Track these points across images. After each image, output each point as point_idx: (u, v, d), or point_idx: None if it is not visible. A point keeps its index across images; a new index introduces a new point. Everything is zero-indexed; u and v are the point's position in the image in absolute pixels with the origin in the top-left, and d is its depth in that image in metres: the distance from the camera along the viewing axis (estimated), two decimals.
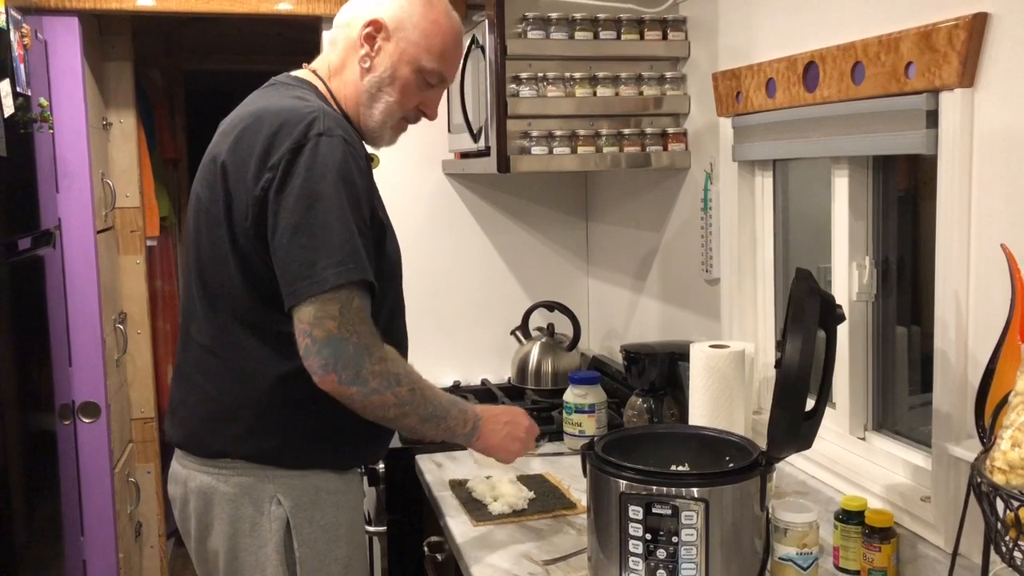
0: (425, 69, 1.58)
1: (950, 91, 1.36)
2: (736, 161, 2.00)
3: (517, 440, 1.65)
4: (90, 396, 2.68)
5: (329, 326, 1.41)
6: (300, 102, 1.51)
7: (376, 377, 1.44)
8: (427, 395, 1.52)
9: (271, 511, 1.53)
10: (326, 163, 1.42)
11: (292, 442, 1.54)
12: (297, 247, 1.41)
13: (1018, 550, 0.92)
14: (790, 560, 1.43)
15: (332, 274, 1.40)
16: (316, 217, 1.41)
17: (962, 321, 1.38)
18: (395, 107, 1.59)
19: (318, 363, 1.41)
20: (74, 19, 2.58)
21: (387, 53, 1.57)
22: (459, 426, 1.57)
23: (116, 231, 3.05)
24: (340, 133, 1.46)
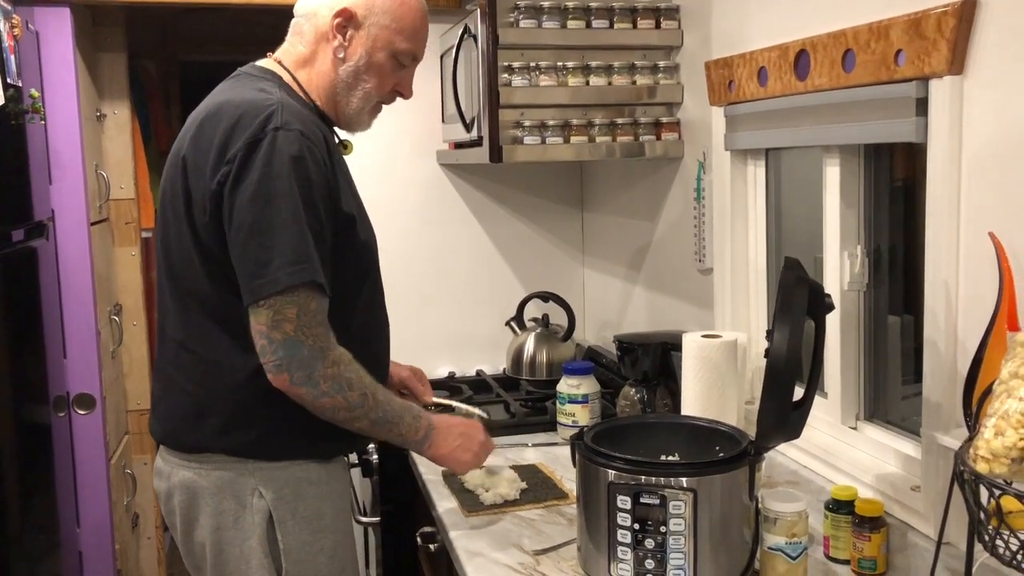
0: (399, 51, 1.60)
1: (939, 79, 1.35)
2: (728, 150, 1.99)
3: (468, 452, 1.67)
4: (85, 388, 2.68)
5: (286, 328, 1.43)
6: (261, 95, 1.50)
7: (327, 380, 1.46)
8: (378, 401, 1.52)
9: (253, 504, 1.54)
10: (282, 159, 1.42)
11: (270, 434, 1.54)
12: (253, 245, 1.42)
13: (1000, 539, 0.92)
14: (779, 550, 1.43)
15: (284, 275, 1.41)
16: (271, 216, 1.41)
17: (951, 310, 1.37)
18: (373, 93, 1.61)
19: (272, 362, 1.44)
20: (65, 10, 2.57)
21: (359, 41, 1.58)
22: (411, 433, 1.59)
23: (111, 223, 3.05)
24: (298, 127, 1.45)
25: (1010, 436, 0.95)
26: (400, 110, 2.82)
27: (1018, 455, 0.94)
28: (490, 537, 1.68)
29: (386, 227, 2.27)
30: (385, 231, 2.06)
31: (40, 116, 2.34)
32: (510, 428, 2.30)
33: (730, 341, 1.87)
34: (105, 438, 2.75)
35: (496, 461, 2.04)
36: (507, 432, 2.27)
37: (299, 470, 1.56)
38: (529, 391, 2.56)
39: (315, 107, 1.61)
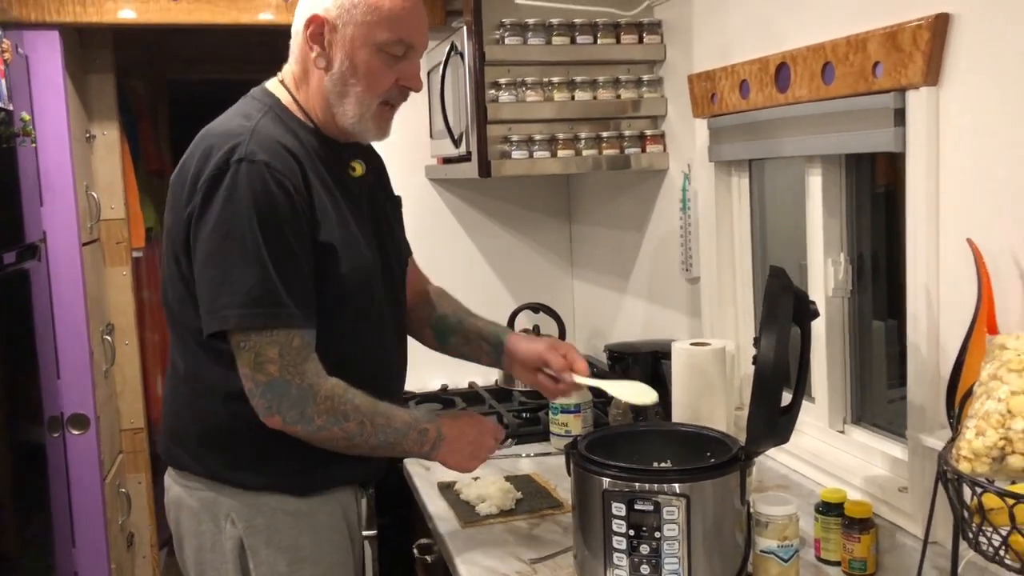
0: (382, 43, 1.46)
1: (916, 90, 1.39)
2: (713, 161, 2.03)
3: (476, 458, 1.62)
4: (79, 408, 2.69)
5: (270, 370, 1.40)
6: (241, 121, 1.47)
7: (322, 415, 1.43)
8: (377, 425, 1.48)
9: (226, 530, 1.53)
10: (244, 194, 1.38)
11: (240, 461, 1.52)
12: (206, 278, 1.41)
13: (983, 535, 0.95)
14: (771, 553, 1.45)
15: (233, 316, 1.38)
16: (227, 251, 1.39)
17: (933, 315, 1.41)
18: (366, 95, 1.49)
19: (262, 405, 1.42)
20: (54, 33, 2.60)
21: (338, 45, 1.47)
22: (416, 448, 1.55)
23: (102, 243, 3.06)
24: (263, 158, 1.40)
25: (990, 436, 0.99)
26: None
27: (998, 454, 0.98)
28: (487, 547, 1.71)
29: None
30: None
31: (31, 139, 2.37)
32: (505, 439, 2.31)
33: (718, 349, 1.91)
34: (100, 458, 2.76)
35: (491, 472, 2.07)
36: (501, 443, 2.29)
37: (274, 500, 1.53)
38: (522, 402, 2.58)
39: (314, 128, 1.54)
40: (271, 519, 1.53)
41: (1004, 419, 0.98)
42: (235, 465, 1.53)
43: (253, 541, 1.52)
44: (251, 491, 1.53)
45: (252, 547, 1.52)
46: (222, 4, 2.63)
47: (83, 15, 2.53)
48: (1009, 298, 1.25)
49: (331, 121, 1.53)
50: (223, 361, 1.45)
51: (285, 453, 1.49)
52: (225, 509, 1.53)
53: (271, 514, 1.53)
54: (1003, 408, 0.99)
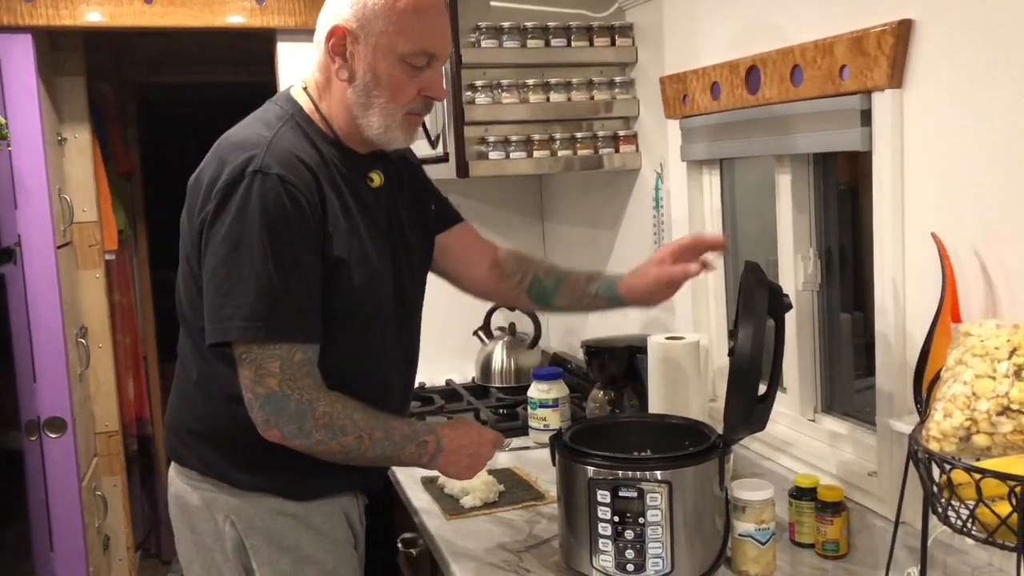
0: (405, 54, 1.45)
1: (881, 92, 1.46)
2: (685, 161, 2.09)
3: (473, 469, 1.63)
4: (56, 411, 2.69)
5: (270, 383, 1.41)
6: (260, 130, 1.47)
7: (320, 430, 1.43)
8: (375, 439, 1.48)
9: (226, 530, 1.55)
10: (255, 206, 1.38)
11: (239, 463, 1.53)
12: (213, 288, 1.41)
13: (952, 510, 1.01)
14: (749, 536, 1.52)
15: (236, 328, 1.39)
16: (234, 263, 1.39)
17: (899, 306, 1.48)
18: (390, 106, 1.47)
19: (261, 418, 1.43)
20: (27, 36, 2.59)
21: (360, 56, 1.46)
22: (414, 460, 1.55)
23: (75, 246, 3.05)
24: (277, 171, 1.40)
25: (957, 417, 1.05)
26: None
27: (964, 434, 1.04)
28: (473, 538, 1.75)
29: None
30: None
31: (7, 142, 2.36)
32: None
33: (692, 342, 1.97)
34: (77, 461, 2.75)
35: None
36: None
37: (271, 502, 1.54)
38: (499, 398, 2.63)
39: (334, 138, 1.52)
40: (269, 520, 1.54)
41: (970, 401, 1.05)
42: (235, 466, 1.54)
43: (253, 541, 1.54)
44: (249, 492, 1.54)
45: (253, 547, 1.54)
46: (196, 7, 2.64)
47: (56, 18, 2.53)
48: (971, 288, 1.32)
49: (354, 131, 1.52)
50: (230, 363, 1.45)
51: (286, 458, 1.49)
52: (225, 508, 1.54)
53: (269, 516, 1.54)
54: (968, 391, 1.05)
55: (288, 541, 1.54)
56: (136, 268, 3.83)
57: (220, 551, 1.56)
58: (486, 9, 2.25)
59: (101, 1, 2.55)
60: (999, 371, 1.04)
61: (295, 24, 2.68)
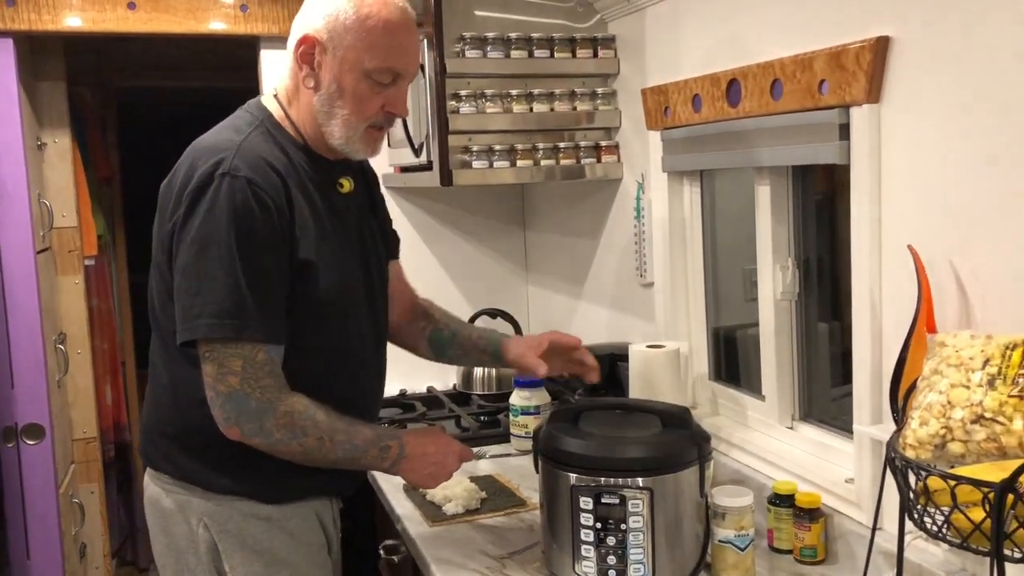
0: (370, 71, 1.48)
1: (859, 106, 1.49)
2: (666, 172, 2.12)
3: (436, 480, 1.65)
4: (34, 418, 2.67)
5: (232, 381, 1.43)
6: (230, 135, 1.50)
7: (280, 429, 1.45)
8: (337, 442, 1.50)
9: (199, 533, 1.56)
10: (224, 207, 1.41)
11: (212, 466, 1.54)
12: (183, 289, 1.44)
13: (927, 515, 1.04)
14: (729, 542, 1.54)
15: (203, 326, 1.41)
16: (204, 263, 1.42)
17: (876, 316, 1.51)
18: (353, 119, 1.51)
19: (221, 416, 1.45)
20: (8, 41, 2.58)
21: (327, 67, 1.49)
22: (377, 464, 1.57)
23: (54, 251, 3.04)
24: (245, 174, 1.43)
25: (933, 425, 1.08)
26: None
27: (940, 441, 1.07)
28: (455, 545, 1.76)
29: None
30: None
31: None
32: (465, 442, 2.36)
33: (672, 351, 2.00)
34: (54, 468, 2.73)
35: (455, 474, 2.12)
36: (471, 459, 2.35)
37: (244, 506, 1.55)
38: (481, 405, 2.64)
39: (304, 144, 1.56)
40: (243, 523, 1.55)
41: (945, 410, 1.07)
42: (209, 468, 1.55)
43: (226, 545, 1.55)
44: (222, 495, 1.55)
45: (226, 551, 1.55)
46: (179, 13, 2.64)
47: (38, 23, 2.52)
48: (946, 299, 1.35)
49: (318, 137, 1.55)
50: (200, 366, 1.47)
51: (258, 461, 1.51)
52: (199, 511, 1.56)
53: (242, 519, 1.55)
54: (944, 400, 1.08)
55: (261, 544, 1.56)
56: (115, 273, 3.81)
57: (194, 554, 1.57)
58: (470, 20, 2.27)
59: (84, 6, 2.54)
60: (973, 381, 1.07)
61: (278, 31, 2.69)
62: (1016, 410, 1.03)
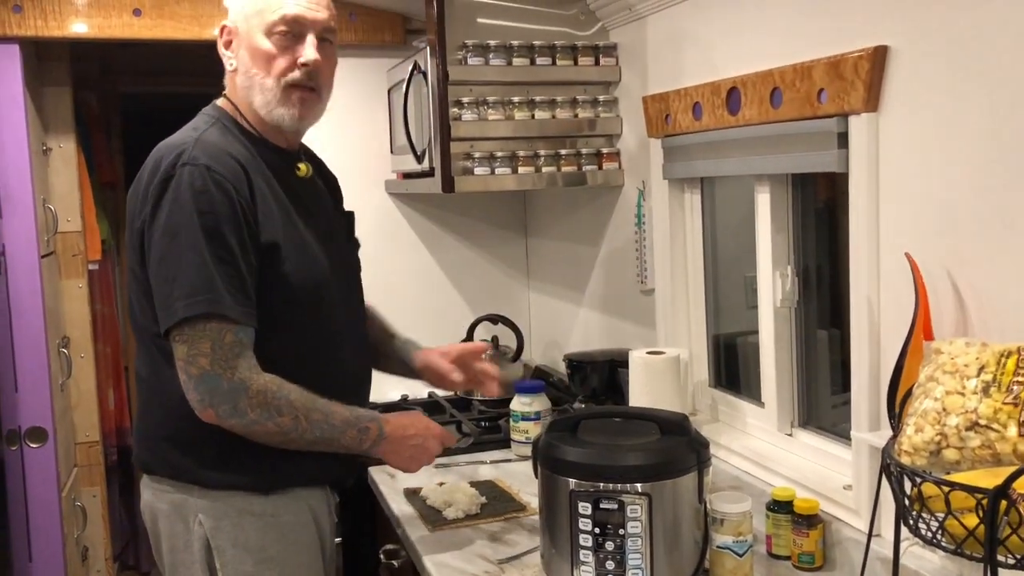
0: (270, 27, 1.57)
1: (858, 115, 1.50)
2: (667, 179, 2.13)
3: (417, 462, 1.68)
4: (37, 421, 2.68)
5: (202, 363, 1.46)
6: (189, 133, 1.57)
7: (255, 409, 1.48)
8: (313, 421, 1.53)
9: (195, 530, 1.58)
10: (186, 194, 1.47)
11: (204, 462, 1.57)
12: (160, 279, 1.49)
13: (922, 522, 1.05)
14: (727, 548, 1.55)
15: (181, 306, 1.46)
16: (174, 250, 1.47)
17: (874, 323, 1.52)
18: (268, 81, 1.59)
19: (196, 398, 1.48)
20: (15, 47, 2.60)
21: (238, 43, 1.62)
22: (356, 445, 1.59)
23: (58, 256, 3.05)
24: (204, 161, 1.49)
25: (928, 432, 1.09)
26: (349, 142, 2.92)
27: (935, 448, 1.08)
28: (455, 549, 1.77)
29: None
30: None
31: None
32: (466, 447, 2.38)
33: (673, 357, 2.00)
34: (57, 471, 2.75)
35: (455, 478, 2.13)
36: (463, 451, 2.36)
37: (240, 501, 1.58)
38: (481, 411, 2.65)
39: (259, 136, 1.64)
40: (237, 520, 1.58)
41: (940, 416, 1.08)
42: (201, 464, 1.58)
43: (219, 541, 1.57)
44: (218, 490, 1.58)
45: (218, 547, 1.57)
46: (184, 20, 2.66)
47: (44, 29, 2.54)
48: (943, 307, 1.36)
49: (259, 121, 1.63)
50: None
51: (249, 451, 1.54)
52: (194, 510, 1.58)
53: (237, 515, 1.58)
54: (939, 407, 1.09)
55: (253, 542, 1.58)
56: (118, 278, 3.82)
57: (188, 552, 1.59)
58: (473, 27, 2.28)
59: (90, 13, 2.56)
60: (968, 388, 1.08)
61: None
62: (1010, 417, 1.04)
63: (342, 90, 2.85)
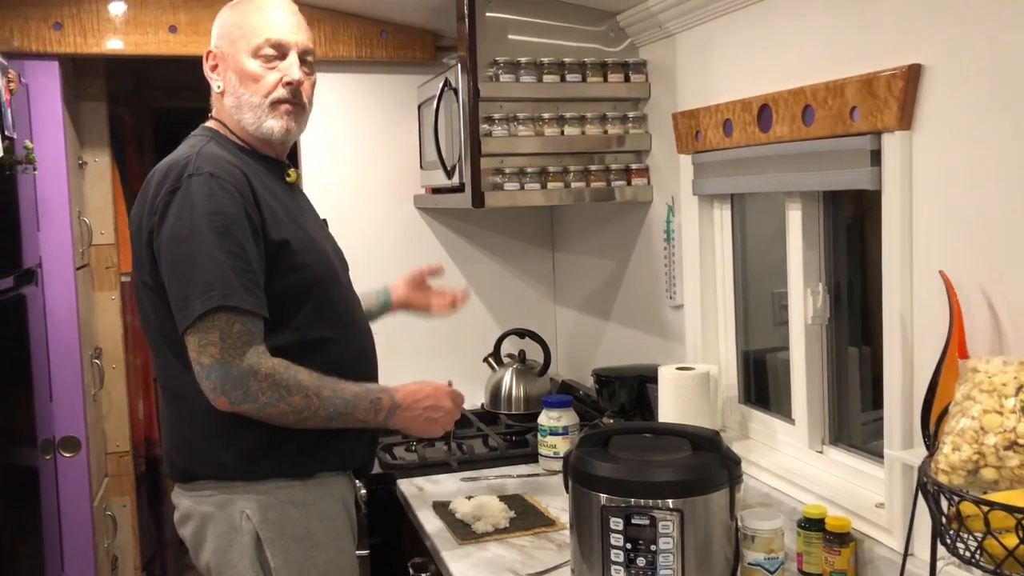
0: (253, 49, 1.68)
1: (891, 133, 1.51)
2: (696, 195, 2.14)
3: (435, 423, 1.77)
4: (70, 431, 2.72)
5: (212, 352, 1.54)
6: (187, 150, 1.65)
7: (266, 392, 1.55)
8: (324, 398, 1.60)
9: (243, 526, 1.63)
10: (193, 201, 1.55)
11: (244, 453, 1.63)
12: (174, 283, 1.56)
13: (960, 541, 1.04)
14: (758, 565, 1.54)
15: (198, 304, 1.53)
16: (186, 253, 1.55)
17: (907, 341, 1.51)
18: (255, 98, 1.69)
19: (208, 387, 1.55)
20: (55, 63, 2.65)
21: (224, 66, 1.72)
22: (370, 417, 1.67)
23: (92, 268, 3.10)
24: (208, 170, 1.58)
25: (965, 451, 1.09)
26: (378, 157, 2.95)
27: (973, 467, 1.08)
28: (484, 563, 1.78)
29: (366, 267, 2.38)
30: (365, 271, 2.18)
31: (33, 166, 2.41)
32: (493, 461, 2.39)
33: (703, 373, 2.00)
34: (89, 480, 2.78)
35: (482, 492, 2.14)
36: (490, 464, 2.37)
37: (282, 493, 1.65)
38: (508, 424, 2.66)
39: (249, 148, 1.73)
40: (282, 511, 1.64)
41: (977, 435, 1.08)
42: (239, 458, 1.64)
43: (268, 533, 1.63)
44: (261, 481, 1.64)
45: (268, 539, 1.63)
46: None
47: (83, 46, 2.59)
48: (977, 325, 1.35)
49: (248, 137, 1.73)
50: None
51: (283, 437, 1.62)
52: (239, 507, 1.64)
53: (281, 506, 1.65)
54: (976, 425, 1.09)
55: (299, 531, 1.65)
56: None
57: (237, 547, 1.63)
58: (504, 44, 2.31)
59: (127, 30, 2.61)
60: (1006, 407, 1.08)
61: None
62: None
63: (372, 105, 2.92)
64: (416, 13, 2.74)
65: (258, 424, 1.59)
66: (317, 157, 2.88)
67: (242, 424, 1.59)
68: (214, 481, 1.65)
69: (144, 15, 2.62)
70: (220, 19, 1.76)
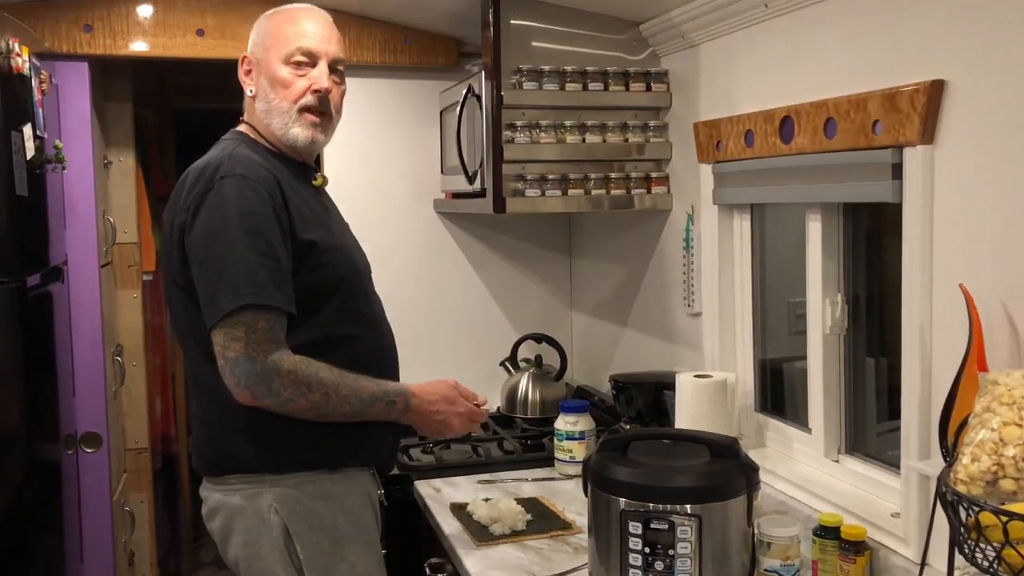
0: (287, 56, 1.74)
1: (913, 147, 1.52)
2: (716, 204, 2.16)
3: (450, 427, 1.82)
4: (92, 426, 2.76)
5: (237, 348, 1.58)
6: (218, 153, 1.70)
7: (287, 388, 1.60)
8: (342, 396, 1.65)
9: (271, 519, 1.67)
10: (225, 202, 1.60)
11: (271, 446, 1.67)
12: (204, 280, 1.61)
13: (979, 551, 1.06)
14: (774, 572, 1.56)
15: (226, 301, 1.57)
16: (216, 251, 1.60)
17: (926, 353, 1.53)
18: (284, 104, 1.75)
19: (232, 381, 1.59)
20: (84, 64, 2.70)
21: (257, 71, 1.78)
22: (384, 414, 1.72)
23: (115, 266, 3.14)
24: (239, 172, 1.63)
25: (984, 462, 1.10)
26: (400, 161, 2.99)
27: (991, 478, 1.09)
28: (501, 565, 1.80)
29: (385, 271, 2.39)
30: (384, 274, 2.19)
31: (63, 166, 2.45)
32: (509, 464, 2.42)
33: (720, 381, 2.02)
34: (109, 476, 2.82)
35: (498, 494, 2.17)
36: (506, 468, 2.40)
37: (310, 487, 1.69)
38: (524, 428, 2.68)
39: (278, 152, 1.78)
40: (310, 504, 1.68)
41: (997, 447, 1.10)
42: (267, 450, 1.67)
43: (297, 526, 1.67)
44: (288, 474, 1.67)
45: (296, 532, 1.67)
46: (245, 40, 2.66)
47: (112, 48, 2.63)
48: (997, 338, 1.37)
49: (278, 142, 1.79)
50: None
51: (308, 431, 1.66)
52: (268, 500, 1.67)
53: (309, 499, 1.68)
54: (996, 437, 1.11)
55: (327, 523, 1.68)
56: None
57: (267, 539, 1.67)
58: (528, 51, 2.33)
59: (155, 32, 2.65)
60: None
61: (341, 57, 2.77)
62: None
63: (395, 110, 2.95)
64: (439, 20, 2.77)
65: (284, 418, 1.63)
66: (339, 159, 2.91)
67: (269, 418, 1.63)
68: (241, 474, 1.69)
69: (172, 18, 2.66)
70: (257, 26, 1.82)
